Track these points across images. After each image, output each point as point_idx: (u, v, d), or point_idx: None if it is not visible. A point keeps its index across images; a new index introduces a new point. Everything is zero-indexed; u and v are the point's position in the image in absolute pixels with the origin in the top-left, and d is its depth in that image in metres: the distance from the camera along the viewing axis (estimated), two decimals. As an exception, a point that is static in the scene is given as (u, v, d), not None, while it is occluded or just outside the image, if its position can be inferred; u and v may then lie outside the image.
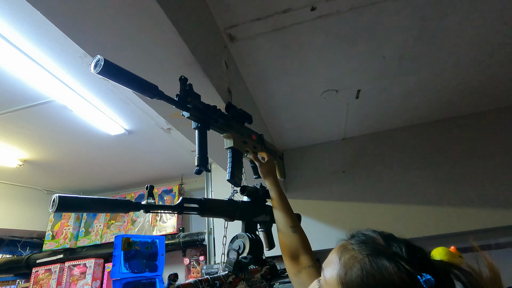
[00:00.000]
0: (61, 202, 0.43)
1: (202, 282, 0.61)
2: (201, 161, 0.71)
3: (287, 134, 2.48)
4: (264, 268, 0.82)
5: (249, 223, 0.86)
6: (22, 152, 2.23)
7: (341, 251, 0.46)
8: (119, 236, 0.51)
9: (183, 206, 0.63)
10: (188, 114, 0.74)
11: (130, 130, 2.08)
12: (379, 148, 2.52)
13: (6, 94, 1.58)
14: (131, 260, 0.50)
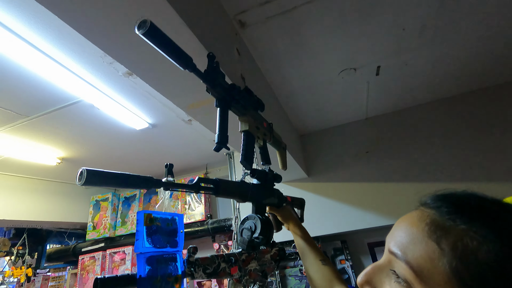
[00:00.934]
0: (89, 175, 0.46)
1: (218, 257, 0.64)
2: (221, 138, 0.73)
3: (307, 118, 2.46)
4: (273, 250, 0.83)
5: (259, 205, 0.88)
6: (59, 151, 2.42)
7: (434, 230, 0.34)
8: (140, 212, 0.52)
9: (199, 186, 0.65)
10: (213, 91, 0.75)
11: (154, 123, 2.16)
12: (403, 126, 2.43)
13: (40, 98, 1.71)
14: (153, 236, 0.53)
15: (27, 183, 2.85)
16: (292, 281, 2.41)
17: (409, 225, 0.37)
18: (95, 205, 3.28)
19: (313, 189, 2.53)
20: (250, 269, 0.73)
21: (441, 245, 0.33)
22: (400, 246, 0.36)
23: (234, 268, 0.68)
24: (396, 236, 0.38)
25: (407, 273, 0.34)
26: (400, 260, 0.36)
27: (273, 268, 0.86)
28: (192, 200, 3.02)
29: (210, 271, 0.61)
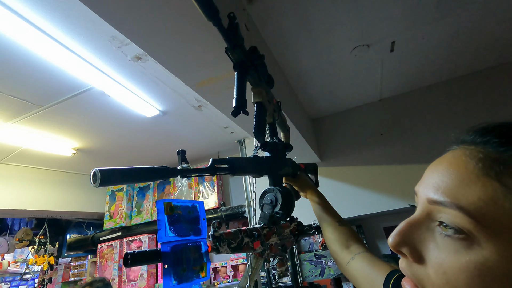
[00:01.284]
0: (103, 175, 0.43)
1: (241, 232, 0.64)
2: (239, 101, 0.70)
3: (318, 101, 2.40)
4: (292, 224, 0.83)
5: (275, 177, 0.86)
6: (73, 141, 2.46)
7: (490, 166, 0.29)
8: (160, 201, 0.51)
9: (215, 167, 0.63)
10: (234, 51, 0.72)
11: (164, 111, 2.16)
12: (420, 106, 2.34)
13: (52, 86, 1.73)
14: (175, 224, 0.52)
15: (45, 174, 2.93)
16: (307, 266, 2.40)
17: (452, 166, 0.31)
18: (111, 196, 3.34)
19: (327, 174, 2.49)
20: (271, 244, 0.73)
21: (503, 181, 0.27)
22: (446, 192, 0.30)
23: (256, 242, 0.68)
24: (435, 183, 0.32)
25: (463, 221, 0.28)
26: (450, 208, 0.29)
27: (292, 242, 0.85)
28: (205, 188, 3.04)
29: (235, 245, 0.61)
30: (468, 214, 0.28)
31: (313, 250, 2.44)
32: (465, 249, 0.28)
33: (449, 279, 0.28)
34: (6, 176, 2.66)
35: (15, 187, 2.69)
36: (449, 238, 0.29)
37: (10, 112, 1.93)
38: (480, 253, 0.27)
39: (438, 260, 0.29)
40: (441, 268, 0.29)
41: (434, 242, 0.31)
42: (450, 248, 0.29)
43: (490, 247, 0.27)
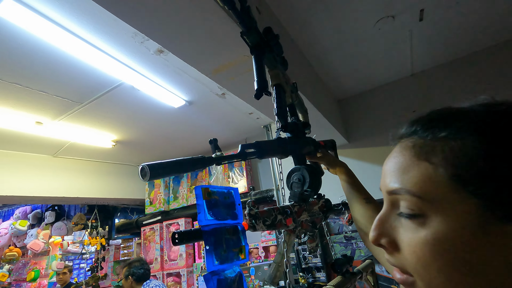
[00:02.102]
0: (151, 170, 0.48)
1: (274, 210, 0.67)
2: (261, 83, 0.71)
3: (343, 81, 2.32)
4: (321, 201, 0.85)
5: (299, 156, 0.88)
6: (112, 134, 2.67)
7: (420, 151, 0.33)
8: (198, 187, 0.54)
9: (245, 152, 0.66)
10: (248, 34, 0.74)
11: (190, 100, 2.25)
12: (456, 78, 2.15)
13: (88, 84, 1.89)
14: (214, 209, 0.55)
15: (91, 165, 3.24)
16: (337, 248, 2.40)
17: (395, 159, 0.36)
18: (150, 183, 3.60)
19: (355, 155, 2.43)
20: (302, 220, 0.75)
21: (431, 160, 0.32)
22: (396, 181, 0.35)
23: (289, 219, 0.70)
24: (388, 176, 0.37)
25: (414, 202, 0.32)
26: (402, 193, 0.33)
27: (321, 219, 0.87)
28: (235, 174, 3.13)
29: (269, 222, 0.64)
30: (414, 195, 0.32)
31: (343, 232, 2.42)
32: (422, 226, 0.31)
33: (419, 256, 0.31)
34: (60, 168, 2.99)
35: (68, 178, 3.02)
36: (409, 220, 0.33)
37: (56, 110, 2.14)
38: (432, 226, 0.31)
39: (407, 241, 0.33)
40: (411, 248, 0.32)
41: (402, 227, 0.34)
42: (413, 228, 0.32)
43: (438, 219, 0.30)
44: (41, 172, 2.83)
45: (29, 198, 2.82)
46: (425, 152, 0.33)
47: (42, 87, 1.87)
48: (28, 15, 1.27)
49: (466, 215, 0.29)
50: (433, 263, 0.31)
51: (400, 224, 0.34)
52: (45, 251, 3.80)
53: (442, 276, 0.30)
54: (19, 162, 2.71)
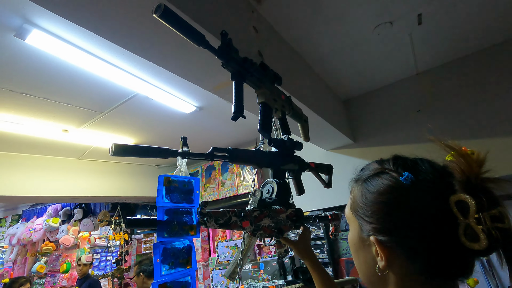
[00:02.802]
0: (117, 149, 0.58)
1: (229, 212, 0.73)
2: (237, 108, 0.82)
3: (347, 82, 2.37)
4: (289, 210, 0.88)
5: (277, 170, 0.93)
6: (131, 139, 2.87)
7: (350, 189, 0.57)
8: (161, 176, 0.63)
9: (213, 154, 0.74)
10: (228, 65, 0.83)
11: (200, 106, 2.38)
12: (461, 77, 2.14)
13: (106, 95, 2.07)
14: (171, 194, 0.64)
15: (114, 166, 3.48)
16: (344, 244, 2.49)
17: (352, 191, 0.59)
18: (167, 182, 3.80)
19: (361, 155, 2.48)
20: (264, 225, 0.80)
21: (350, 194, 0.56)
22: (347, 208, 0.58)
23: (245, 222, 0.76)
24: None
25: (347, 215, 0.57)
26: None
27: (290, 227, 0.93)
28: (246, 173, 3.26)
29: (222, 222, 0.70)
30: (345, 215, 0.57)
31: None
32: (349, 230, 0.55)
33: (351, 247, 0.55)
34: (85, 170, 3.24)
35: (93, 178, 3.27)
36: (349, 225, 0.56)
37: (79, 119, 2.35)
38: (350, 231, 0.55)
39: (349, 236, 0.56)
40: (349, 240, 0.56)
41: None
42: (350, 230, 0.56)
43: (351, 229, 0.54)
44: (68, 174, 3.09)
45: (58, 198, 3.09)
46: (351, 190, 0.56)
47: (67, 100, 2.07)
48: (52, 41, 1.44)
49: (356, 230, 0.52)
50: (352, 252, 0.54)
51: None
52: (75, 245, 4.13)
53: (354, 259, 0.54)
54: (49, 166, 2.98)
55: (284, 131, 1.13)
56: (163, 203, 0.64)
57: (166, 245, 0.62)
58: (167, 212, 0.64)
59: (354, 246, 0.52)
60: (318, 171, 1.21)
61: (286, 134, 1.11)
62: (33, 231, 4.04)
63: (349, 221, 0.54)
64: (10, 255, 4.46)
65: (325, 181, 1.19)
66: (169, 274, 0.61)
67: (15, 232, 4.21)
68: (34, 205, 4.67)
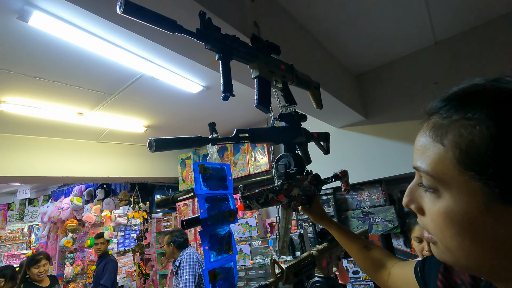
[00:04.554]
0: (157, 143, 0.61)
1: (265, 190, 0.76)
2: (225, 87, 0.81)
3: (358, 56, 2.25)
4: (309, 176, 0.92)
5: (289, 145, 0.95)
6: (143, 120, 2.93)
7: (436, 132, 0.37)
8: (196, 163, 0.65)
9: (238, 136, 0.76)
10: (209, 46, 0.81)
11: (207, 86, 2.37)
12: (482, 45, 1.96)
13: (114, 77, 2.10)
14: (208, 181, 0.66)
15: (130, 148, 3.60)
16: (355, 222, 2.46)
17: (420, 138, 0.40)
18: (182, 163, 3.90)
19: (373, 132, 2.39)
20: (295, 195, 0.84)
21: (444, 143, 0.35)
22: (418, 160, 0.39)
23: (280, 196, 0.79)
24: (415, 153, 0.41)
25: (429, 180, 0.37)
26: (422, 171, 0.38)
27: (314, 191, 0.95)
28: (257, 153, 3.27)
29: (262, 201, 0.73)
30: (428, 173, 0.37)
31: (361, 207, 2.46)
32: (437, 199, 0.37)
33: (436, 223, 0.37)
34: (103, 152, 3.38)
35: (111, 160, 3.41)
36: (428, 193, 0.38)
37: (92, 102, 2.42)
38: (444, 200, 0.36)
39: (428, 210, 0.39)
40: (430, 216, 0.38)
41: (425, 197, 0.39)
42: (431, 200, 0.38)
43: (448, 195, 0.35)
44: (88, 156, 3.24)
45: (80, 178, 3.26)
46: (440, 134, 0.36)
47: (77, 83, 2.13)
48: (53, 23, 1.46)
49: (471, 195, 0.33)
50: (447, 231, 0.36)
51: (424, 195, 0.40)
52: (100, 223, 4.40)
53: (455, 242, 0.35)
54: (70, 148, 3.13)
55: (289, 101, 1.10)
56: (202, 191, 0.65)
57: (211, 232, 0.64)
58: (207, 199, 0.66)
59: (464, 223, 0.34)
60: (320, 140, 1.21)
61: (292, 105, 1.09)
62: (61, 210, 4.34)
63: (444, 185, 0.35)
64: (43, 232, 4.84)
65: (325, 148, 1.20)
66: (217, 261, 0.64)
67: (46, 210, 4.54)
68: (62, 186, 4.98)
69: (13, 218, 5.60)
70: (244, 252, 2.81)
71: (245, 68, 0.98)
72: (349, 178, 2.46)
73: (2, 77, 1.92)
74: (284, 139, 0.97)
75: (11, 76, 1.93)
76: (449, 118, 0.35)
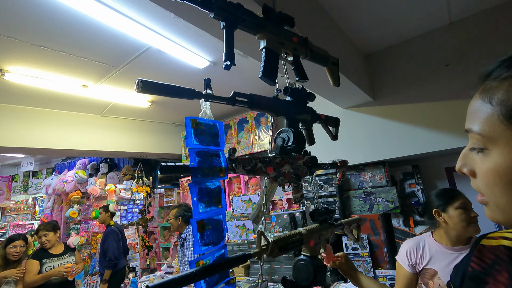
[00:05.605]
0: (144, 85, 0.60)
1: (255, 158, 0.76)
2: (228, 57, 0.79)
3: (370, 34, 2.20)
4: (305, 157, 0.91)
5: (292, 119, 0.93)
6: (147, 95, 2.91)
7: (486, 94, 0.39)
8: (188, 118, 0.64)
9: (235, 99, 0.76)
10: (213, 14, 0.79)
11: (214, 61, 2.33)
12: (498, 28, 1.91)
13: (120, 49, 2.06)
14: (200, 136, 0.65)
15: (133, 123, 3.60)
16: (356, 202, 2.51)
17: (472, 102, 0.43)
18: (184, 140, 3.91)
19: (379, 113, 2.39)
20: (285, 171, 0.83)
21: (493, 102, 0.38)
22: (470, 123, 0.42)
23: (269, 168, 0.79)
24: (467, 116, 0.44)
25: (479, 140, 0.40)
26: (473, 133, 0.41)
27: (306, 172, 0.95)
28: (261, 132, 3.27)
29: (249, 168, 0.73)
30: (478, 133, 0.40)
31: (363, 187, 2.50)
32: (486, 158, 0.40)
33: (486, 181, 0.40)
34: (107, 126, 3.38)
35: (115, 134, 3.42)
36: (480, 154, 0.41)
37: (97, 74, 2.39)
38: (493, 158, 0.39)
39: (479, 170, 0.41)
40: (481, 175, 0.41)
41: (477, 160, 0.42)
42: (481, 160, 0.41)
43: (496, 151, 0.38)
44: (92, 129, 3.25)
45: (85, 152, 3.28)
46: (490, 94, 0.39)
47: (83, 54, 2.09)
48: (61, -11, 1.41)
49: None
50: (496, 187, 0.39)
51: (476, 157, 0.42)
52: (104, 196, 4.48)
53: (505, 197, 0.38)
54: (75, 121, 3.13)
55: (300, 76, 1.08)
56: (193, 145, 0.65)
57: (201, 185, 0.65)
58: (198, 153, 0.65)
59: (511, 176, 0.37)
60: (327, 124, 1.19)
61: (302, 80, 1.07)
62: (66, 183, 4.40)
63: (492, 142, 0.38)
64: (47, 203, 4.94)
65: (332, 134, 1.18)
66: (205, 212, 0.64)
67: (50, 183, 4.61)
68: (65, 160, 5.03)
69: (17, 189, 5.70)
70: (247, 227, 2.89)
71: (254, 41, 0.95)
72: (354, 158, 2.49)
73: (7, 45, 1.88)
74: (287, 113, 0.94)
75: (16, 44, 1.89)
76: (499, 78, 0.38)
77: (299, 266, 0.89)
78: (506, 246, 0.47)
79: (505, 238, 0.49)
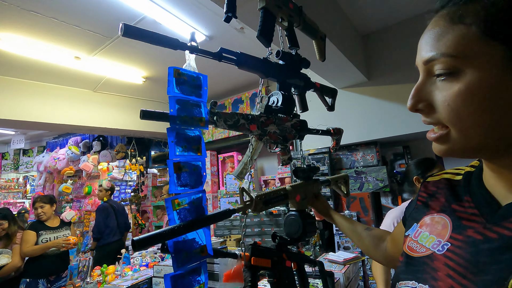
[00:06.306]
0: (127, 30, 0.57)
1: (237, 114, 0.74)
2: (229, 8, 0.78)
3: (368, 13, 2.19)
4: (294, 119, 0.90)
5: (283, 83, 0.93)
6: (141, 70, 2.87)
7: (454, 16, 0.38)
8: (171, 67, 0.64)
9: (221, 55, 0.74)
10: None
11: (210, 35, 2.30)
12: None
13: (114, 18, 2.01)
14: (181, 85, 0.66)
15: (127, 101, 3.55)
16: (347, 181, 2.57)
17: (430, 31, 0.40)
18: (179, 119, 3.89)
19: (373, 93, 2.41)
20: (270, 131, 0.82)
21: (465, 21, 0.36)
22: (431, 49, 0.39)
23: (253, 125, 0.77)
24: (423, 48, 0.41)
25: (450, 62, 0.37)
26: (438, 57, 0.38)
27: (294, 135, 0.96)
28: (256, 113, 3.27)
29: (230, 123, 0.72)
30: (449, 55, 0.37)
31: (354, 167, 2.55)
32: (457, 80, 0.37)
33: (452, 107, 0.37)
34: (100, 102, 3.33)
35: (108, 111, 3.38)
36: (445, 80, 0.38)
37: (90, 45, 2.34)
38: (466, 78, 0.36)
39: (442, 99, 0.39)
40: (445, 103, 0.38)
41: (437, 90, 0.39)
42: (448, 86, 0.38)
43: (471, 71, 0.36)
44: (85, 105, 3.20)
45: (77, 127, 3.25)
46: (459, 16, 0.37)
47: (75, 22, 2.04)
48: None
49: (494, 63, 0.35)
50: (465, 110, 0.36)
51: (435, 87, 0.39)
52: (97, 175, 4.46)
53: (472, 119, 0.36)
54: (67, 95, 3.07)
55: (292, 43, 1.08)
56: (174, 93, 0.65)
57: (179, 130, 0.65)
58: (178, 101, 0.65)
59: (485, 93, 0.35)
60: (323, 93, 1.19)
61: (294, 48, 1.07)
62: (57, 160, 4.36)
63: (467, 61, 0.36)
64: (39, 181, 4.91)
65: (329, 104, 1.19)
66: (183, 156, 0.65)
67: (42, 160, 4.56)
68: (57, 137, 4.96)
69: (7, 167, 5.63)
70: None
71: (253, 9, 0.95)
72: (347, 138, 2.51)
73: (-4, 8, 1.83)
74: (276, 75, 0.93)
75: (6, 8, 1.83)
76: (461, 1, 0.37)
77: (288, 221, 0.93)
78: (446, 178, 0.53)
79: (446, 173, 0.54)
